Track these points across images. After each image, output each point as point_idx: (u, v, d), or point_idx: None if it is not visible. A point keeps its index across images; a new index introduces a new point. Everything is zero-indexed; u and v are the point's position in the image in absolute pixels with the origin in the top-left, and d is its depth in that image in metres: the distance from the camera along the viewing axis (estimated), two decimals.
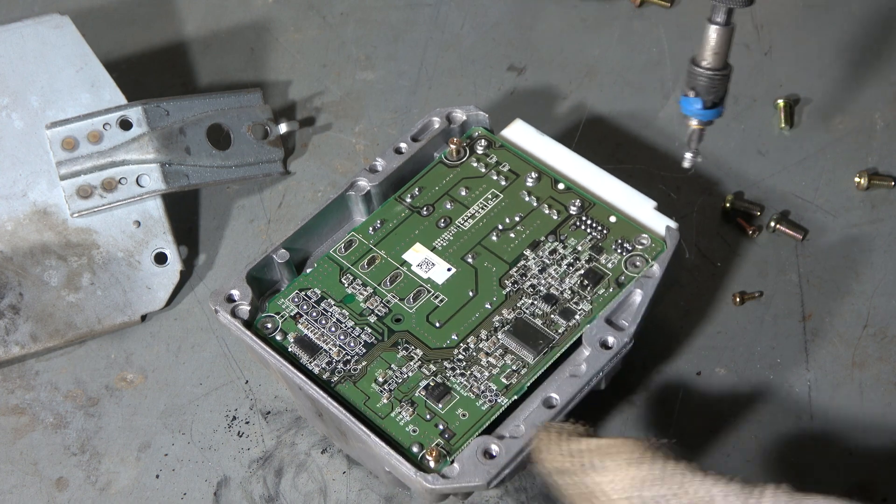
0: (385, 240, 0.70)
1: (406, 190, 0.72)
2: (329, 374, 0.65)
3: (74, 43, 0.78)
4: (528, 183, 0.72)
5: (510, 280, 0.68)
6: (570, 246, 0.69)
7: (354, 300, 0.68)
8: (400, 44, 0.90)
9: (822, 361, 0.74)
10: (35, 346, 0.74)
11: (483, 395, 0.64)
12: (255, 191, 0.83)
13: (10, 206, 0.76)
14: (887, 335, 0.75)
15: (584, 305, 0.67)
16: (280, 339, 0.67)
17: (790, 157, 0.84)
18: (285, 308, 0.68)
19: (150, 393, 0.75)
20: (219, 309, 0.67)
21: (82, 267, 0.76)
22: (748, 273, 0.78)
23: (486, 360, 0.65)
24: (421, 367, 0.65)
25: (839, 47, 0.89)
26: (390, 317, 0.67)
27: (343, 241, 0.70)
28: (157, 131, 0.78)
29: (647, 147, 0.84)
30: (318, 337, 0.67)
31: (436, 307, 0.68)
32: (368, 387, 0.65)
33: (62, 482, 0.72)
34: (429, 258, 0.69)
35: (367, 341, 0.66)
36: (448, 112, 0.74)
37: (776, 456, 0.70)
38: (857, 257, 0.79)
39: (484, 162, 0.73)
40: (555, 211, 0.71)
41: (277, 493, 0.71)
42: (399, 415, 0.64)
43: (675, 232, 0.69)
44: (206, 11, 0.91)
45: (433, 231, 0.70)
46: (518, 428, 0.62)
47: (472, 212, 0.71)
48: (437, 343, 0.66)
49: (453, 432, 0.63)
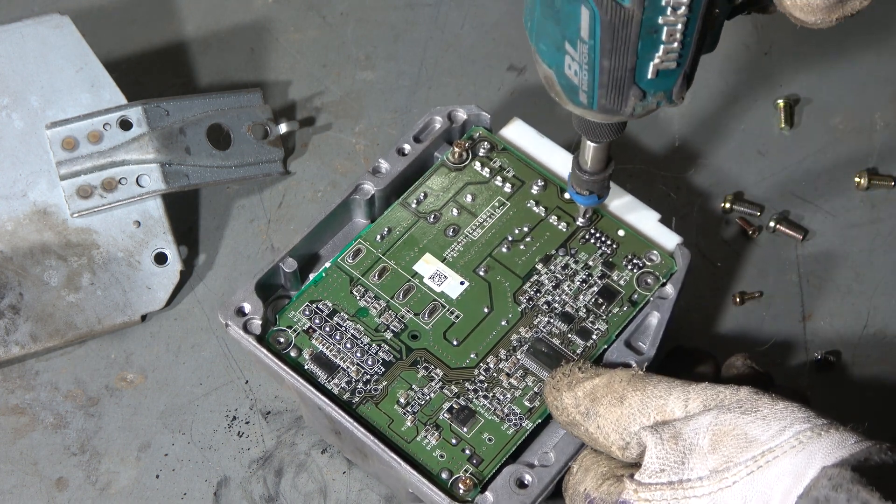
0: (393, 249, 0.69)
1: (411, 194, 0.72)
2: (350, 395, 0.64)
3: (74, 43, 0.78)
4: (534, 191, 0.72)
5: (525, 296, 0.68)
6: (581, 261, 0.69)
7: (368, 314, 0.67)
8: (400, 44, 0.90)
9: (822, 361, 0.74)
10: (35, 346, 0.74)
11: (508, 419, 0.64)
12: (255, 191, 0.83)
13: (10, 206, 0.76)
14: (887, 335, 0.75)
15: (599, 325, 0.67)
16: (295, 356, 0.65)
17: (790, 157, 0.84)
18: (297, 322, 0.67)
19: (150, 393, 0.75)
20: (230, 323, 0.66)
21: (82, 267, 0.76)
22: (748, 273, 0.78)
23: (507, 381, 0.65)
24: (442, 388, 0.65)
25: (839, 47, 0.89)
26: (406, 333, 0.66)
27: (351, 249, 0.69)
28: (157, 131, 0.78)
29: (647, 147, 0.84)
30: (335, 354, 0.66)
31: (452, 324, 0.67)
32: (391, 408, 0.64)
33: (62, 482, 0.72)
34: (440, 270, 0.69)
35: (386, 359, 0.65)
36: (449, 111, 0.74)
37: None
38: (857, 257, 0.79)
39: (488, 166, 0.73)
40: (564, 223, 0.71)
41: (277, 493, 0.71)
42: (425, 439, 0.63)
43: (686, 251, 0.69)
44: (206, 11, 0.91)
45: (442, 240, 0.70)
46: (547, 455, 0.62)
47: (480, 220, 0.71)
48: (457, 362, 0.66)
49: (481, 458, 0.63)
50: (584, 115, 0.58)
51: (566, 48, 0.54)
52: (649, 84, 0.55)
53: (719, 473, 0.54)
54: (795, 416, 0.55)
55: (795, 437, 0.54)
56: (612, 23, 0.52)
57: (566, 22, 0.53)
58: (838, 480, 0.50)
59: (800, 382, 0.73)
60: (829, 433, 0.53)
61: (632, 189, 0.80)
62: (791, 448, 0.53)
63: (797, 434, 0.54)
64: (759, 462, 0.54)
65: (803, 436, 0.54)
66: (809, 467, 0.52)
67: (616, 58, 0.53)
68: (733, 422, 0.55)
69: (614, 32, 0.52)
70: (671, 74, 0.55)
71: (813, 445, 0.53)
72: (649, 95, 0.56)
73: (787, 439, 0.54)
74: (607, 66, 0.54)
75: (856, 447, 0.53)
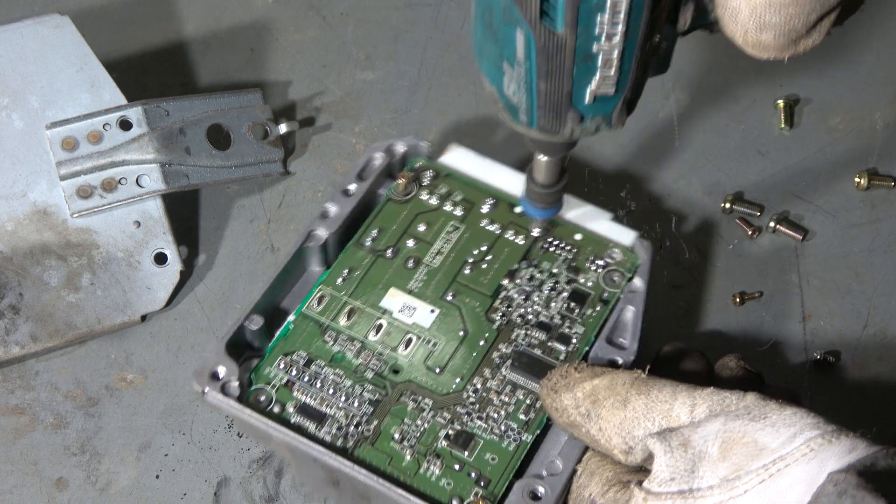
0: (357, 289, 0.69)
1: (364, 233, 0.71)
2: (343, 440, 0.63)
3: (74, 43, 0.78)
4: (485, 210, 0.72)
5: (497, 313, 0.68)
6: (545, 270, 0.69)
7: (345, 357, 0.66)
8: (400, 44, 0.90)
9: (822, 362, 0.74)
10: (35, 346, 0.74)
11: (506, 435, 0.63)
12: (255, 191, 0.83)
13: (10, 206, 0.76)
14: (887, 335, 0.75)
15: (577, 328, 0.67)
16: (279, 412, 0.64)
17: (790, 157, 0.84)
18: (275, 377, 0.65)
19: (150, 393, 0.75)
20: (207, 389, 0.64)
21: (82, 267, 0.76)
22: (748, 273, 0.78)
23: (497, 399, 0.65)
24: (435, 416, 0.64)
25: (839, 47, 0.89)
26: (388, 369, 0.66)
27: (314, 296, 0.68)
28: (157, 131, 0.78)
29: (647, 147, 0.84)
30: (320, 402, 0.64)
31: (431, 352, 0.66)
32: (388, 446, 0.63)
33: (62, 482, 0.72)
34: (408, 302, 0.68)
35: (372, 398, 0.65)
36: (388, 145, 0.73)
37: None
38: (857, 257, 0.79)
39: (435, 194, 0.72)
40: (520, 236, 0.71)
41: (277, 493, 0.71)
42: (428, 470, 0.62)
43: (646, 243, 0.69)
44: (206, 11, 0.91)
45: (404, 273, 0.69)
46: (554, 464, 0.62)
47: (437, 248, 0.70)
48: (444, 389, 0.65)
49: (488, 478, 0.62)
50: (527, 134, 0.58)
51: (504, 68, 0.55)
52: (587, 108, 0.55)
53: (730, 482, 0.54)
54: (805, 422, 0.54)
55: (806, 445, 0.53)
56: (546, 48, 0.52)
57: (503, 43, 0.53)
58: (844, 486, 0.50)
59: (800, 382, 0.73)
60: (840, 440, 0.53)
61: (631, 189, 0.80)
62: (803, 456, 0.53)
63: (808, 441, 0.53)
64: (770, 470, 0.53)
65: (814, 443, 0.53)
66: (821, 475, 0.52)
67: (552, 81, 0.53)
68: (742, 429, 0.55)
69: (548, 57, 0.52)
70: (610, 100, 0.55)
71: (824, 453, 0.53)
72: (587, 119, 0.55)
73: (798, 446, 0.53)
74: (544, 88, 0.54)
75: (864, 453, 0.52)
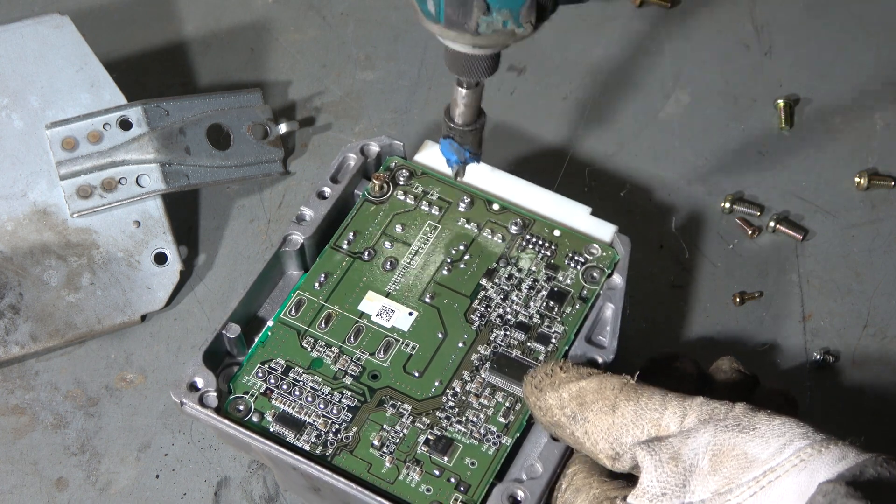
0: (335, 293, 0.68)
1: (340, 236, 0.70)
2: (322, 448, 0.62)
3: (74, 43, 0.78)
4: (462, 209, 0.71)
5: (476, 314, 0.67)
6: (524, 268, 0.69)
7: (323, 363, 0.66)
8: (400, 44, 0.90)
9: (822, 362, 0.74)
10: (35, 346, 0.74)
11: (486, 439, 0.63)
12: (255, 191, 0.83)
13: (10, 206, 0.76)
14: (887, 335, 0.75)
15: (556, 327, 0.67)
16: (258, 421, 0.63)
17: (790, 157, 0.84)
18: (253, 385, 0.64)
19: (150, 393, 0.75)
20: (185, 401, 0.63)
21: (82, 267, 0.76)
22: (748, 273, 0.78)
23: (476, 402, 0.64)
24: (414, 421, 0.64)
25: (839, 47, 0.89)
26: (366, 374, 0.65)
27: (291, 302, 0.68)
28: (157, 131, 0.78)
29: (647, 147, 0.84)
30: (298, 410, 0.64)
31: (409, 356, 0.66)
32: (367, 453, 0.63)
33: (62, 482, 0.72)
34: (386, 305, 0.68)
35: (350, 405, 0.64)
36: (361, 145, 0.72)
37: None
38: (857, 257, 0.79)
39: (411, 193, 0.72)
40: (498, 235, 0.70)
41: (277, 493, 0.71)
42: (408, 476, 0.62)
43: (625, 238, 0.68)
44: (206, 11, 0.91)
45: (381, 276, 0.69)
46: (534, 467, 0.62)
47: (415, 248, 0.70)
48: (423, 394, 0.65)
49: (468, 483, 0.62)
50: (439, 34, 0.57)
51: None
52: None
53: (722, 496, 0.54)
54: (794, 432, 0.54)
55: (796, 455, 0.53)
56: None
57: None
58: (833, 496, 0.50)
59: (799, 382, 0.73)
60: (829, 449, 0.53)
61: (631, 189, 0.80)
62: (793, 467, 0.53)
63: (797, 452, 0.53)
64: (761, 482, 0.53)
65: (804, 453, 0.53)
66: (811, 486, 0.52)
67: None
68: (731, 441, 0.55)
69: None
70: None
71: (814, 463, 0.52)
72: (493, 11, 0.55)
73: (788, 457, 0.53)
74: None
75: (854, 461, 0.52)
